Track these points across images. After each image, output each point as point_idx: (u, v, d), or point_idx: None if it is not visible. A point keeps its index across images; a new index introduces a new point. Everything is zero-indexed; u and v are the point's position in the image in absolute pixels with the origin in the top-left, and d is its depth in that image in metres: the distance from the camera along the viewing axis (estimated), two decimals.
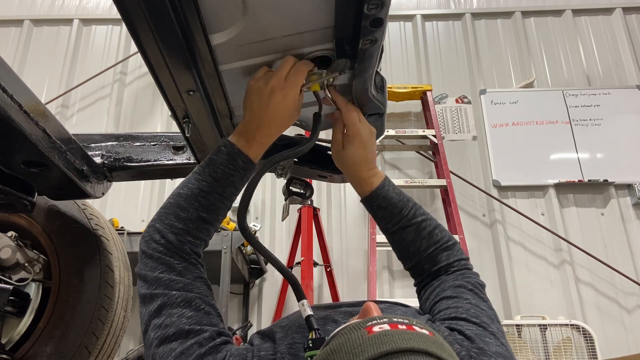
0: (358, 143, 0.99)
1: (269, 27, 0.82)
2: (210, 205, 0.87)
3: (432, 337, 0.59)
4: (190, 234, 0.85)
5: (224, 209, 0.90)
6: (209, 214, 0.87)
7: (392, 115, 4.13)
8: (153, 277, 0.81)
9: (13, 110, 0.89)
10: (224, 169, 0.88)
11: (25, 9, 4.60)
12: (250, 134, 0.90)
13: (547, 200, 3.87)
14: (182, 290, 0.80)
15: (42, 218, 1.55)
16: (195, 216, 0.86)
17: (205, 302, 0.81)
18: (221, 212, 0.90)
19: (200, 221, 0.86)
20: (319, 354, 0.62)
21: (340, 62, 0.90)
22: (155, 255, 0.83)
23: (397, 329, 0.59)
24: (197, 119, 0.99)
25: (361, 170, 1.00)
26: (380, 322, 0.60)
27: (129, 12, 0.70)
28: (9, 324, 1.49)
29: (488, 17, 4.55)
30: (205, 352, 0.75)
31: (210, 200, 0.87)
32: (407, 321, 0.61)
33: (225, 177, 0.88)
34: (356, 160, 1.00)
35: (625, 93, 4.12)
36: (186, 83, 0.87)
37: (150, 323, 0.78)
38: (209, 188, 0.87)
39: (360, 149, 0.99)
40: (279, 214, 3.84)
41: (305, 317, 0.81)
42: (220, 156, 0.89)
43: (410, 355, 0.55)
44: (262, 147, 0.92)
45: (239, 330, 3.29)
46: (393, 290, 3.64)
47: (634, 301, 3.57)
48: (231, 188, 0.89)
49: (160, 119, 4.22)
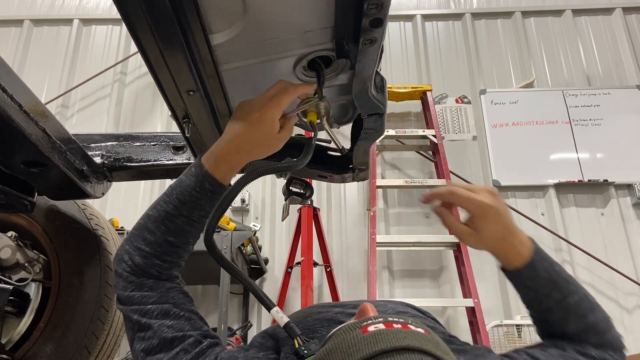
0: (493, 216, 0.84)
1: (269, 27, 0.82)
2: (177, 229, 0.84)
3: (428, 336, 0.59)
4: (158, 258, 0.83)
5: (193, 231, 0.86)
6: (176, 238, 0.84)
7: (392, 115, 4.13)
8: (125, 296, 0.82)
9: (13, 110, 0.89)
10: (191, 192, 0.84)
11: (25, 9, 4.60)
12: (221, 155, 0.85)
13: (547, 200, 3.87)
14: (157, 303, 0.80)
15: (42, 218, 1.55)
16: (162, 240, 0.83)
17: (183, 309, 0.81)
18: (191, 235, 0.87)
19: (167, 245, 0.84)
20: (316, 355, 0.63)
21: (340, 63, 0.90)
22: (124, 275, 0.83)
23: (392, 327, 0.59)
24: (197, 119, 0.99)
25: (506, 240, 0.86)
26: (375, 322, 0.60)
27: (129, 12, 0.70)
28: (9, 324, 1.49)
29: (488, 17, 4.55)
30: (192, 358, 0.75)
31: (178, 224, 0.84)
32: (402, 320, 0.61)
33: (193, 201, 0.84)
34: (500, 235, 0.85)
35: (625, 93, 4.12)
36: (186, 83, 0.87)
37: (135, 336, 0.79)
38: (175, 211, 0.84)
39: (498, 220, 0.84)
40: (279, 214, 3.84)
41: (284, 325, 0.78)
42: (188, 178, 0.85)
43: (405, 354, 0.55)
44: (232, 169, 0.87)
45: (239, 330, 3.29)
46: (393, 290, 3.64)
47: (634, 301, 3.57)
48: (199, 211, 0.85)
49: (160, 119, 4.22)
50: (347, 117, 1.15)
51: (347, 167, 1.34)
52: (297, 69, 0.93)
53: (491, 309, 3.47)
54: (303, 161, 0.88)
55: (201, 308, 3.52)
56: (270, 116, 0.83)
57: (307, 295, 2.91)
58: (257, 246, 3.28)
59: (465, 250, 3.22)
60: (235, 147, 0.85)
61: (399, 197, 3.97)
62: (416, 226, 3.84)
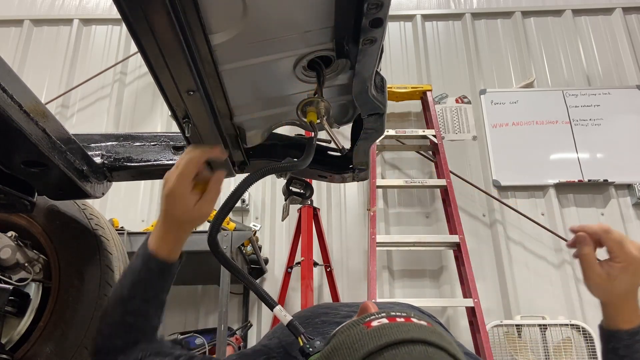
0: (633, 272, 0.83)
1: (269, 27, 0.82)
2: (135, 310, 0.86)
3: (431, 327, 0.60)
4: (121, 338, 0.85)
5: (152, 309, 0.88)
6: (135, 318, 0.86)
7: (392, 115, 4.13)
8: None
9: (13, 110, 0.89)
10: (140, 274, 0.86)
11: (25, 9, 4.60)
12: (159, 234, 0.87)
13: (547, 200, 3.87)
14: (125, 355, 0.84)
15: (42, 218, 1.55)
16: (119, 320, 0.86)
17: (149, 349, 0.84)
18: (150, 314, 0.88)
19: (126, 326, 0.85)
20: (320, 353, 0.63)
21: (340, 63, 0.90)
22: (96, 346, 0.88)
23: (395, 321, 0.59)
24: (197, 119, 0.99)
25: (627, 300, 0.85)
26: (378, 317, 0.60)
27: (129, 12, 0.70)
28: (9, 324, 1.48)
29: (488, 17, 4.55)
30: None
31: (135, 305, 0.86)
32: (404, 314, 0.61)
33: (144, 281, 0.86)
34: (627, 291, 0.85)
35: (625, 93, 4.12)
36: (186, 83, 0.87)
37: None
38: (130, 293, 0.86)
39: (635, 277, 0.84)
40: (279, 214, 3.84)
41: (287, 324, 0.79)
42: (137, 259, 0.87)
43: (410, 345, 0.56)
44: (174, 245, 0.88)
45: (239, 330, 3.29)
46: (393, 290, 3.64)
47: None
48: (152, 291, 0.87)
49: (160, 119, 4.22)
50: (347, 117, 1.15)
51: (347, 167, 1.34)
52: (297, 69, 0.93)
53: (491, 309, 3.47)
54: (304, 162, 0.88)
55: (201, 308, 3.52)
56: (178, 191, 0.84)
57: (307, 295, 2.91)
58: (257, 246, 3.28)
59: (465, 250, 3.22)
60: (167, 226, 0.86)
61: (399, 197, 3.97)
62: (416, 226, 3.84)
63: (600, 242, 0.87)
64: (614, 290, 0.85)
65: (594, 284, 0.87)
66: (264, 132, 1.15)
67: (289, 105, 1.05)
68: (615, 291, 0.85)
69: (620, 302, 0.85)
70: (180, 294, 3.56)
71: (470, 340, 3.15)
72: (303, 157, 0.89)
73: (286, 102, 1.04)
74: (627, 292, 0.85)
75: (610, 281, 0.84)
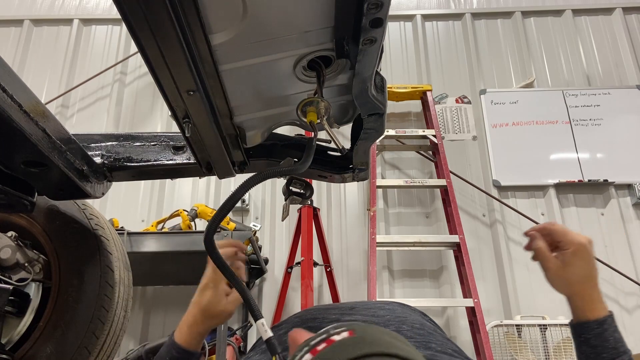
0: (583, 254, 0.91)
1: (269, 27, 0.82)
2: None
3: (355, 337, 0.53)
4: None
5: None
6: None
7: (392, 115, 4.14)
8: None
9: (13, 110, 0.89)
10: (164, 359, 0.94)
11: (25, 9, 4.60)
12: (185, 324, 0.96)
13: (547, 200, 3.87)
14: None
15: (42, 218, 1.55)
16: None
17: None
18: None
19: None
20: None
21: (340, 63, 0.90)
22: None
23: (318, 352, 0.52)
24: (197, 119, 0.99)
25: (585, 287, 0.91)
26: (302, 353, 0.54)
27: (129, 12, 0.70)
28: (9, 324, 1.48)
29: (488, 17, 4.55)
30: None
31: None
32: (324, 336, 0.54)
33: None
34: (583, 277, 0.91)
35: (625, 93, 4.12)
36: (186, 83, 0.87)
37: None
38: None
39: (587, 261, 0.91)
40: (279, 214, 3.84)
41: (266, 340, 0.78)
42: (164, 347, 0.97)
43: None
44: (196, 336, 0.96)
45: (239, 330, 3.29)
46: (393, 290, 3.64)
47: (634, 301, 3.57)
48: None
49: (160, 119, 4.22)
50: (347, 117, 1.15)
51: (347, 167, 1.34)
52: (297, 69, 0.93)
53: (491, 309, 3.47)
54: (303, 166, 0.88)
55: None
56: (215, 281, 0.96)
57: (307, 295, 2.91)
58: (257, 246, 3.28)
59: (465, 250, 3.22)
60: (193, 317, 0.96)
61: (399, 197, 3.97)
62: (416, 226, 3.84)
63: (549, 238, 0.96)
64: (572, 278, 0.91)
65: (553, 275, 0.93)
66: (264, 132, 1.15)
67: (289, 105, 1.05)
68: (574, 278, 0.91)
69: (582, 290, 0.91)
70: (180, 294, 3.57)
71: (470, 340, 3.15)
72: (302, 160, 0.89)
73: (286, 102, 1.04)
74: (585, 277, 0.91)
75: (566, 269, 0.91)
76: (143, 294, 3.63)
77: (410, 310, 0.98)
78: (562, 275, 0.92)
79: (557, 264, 0.93)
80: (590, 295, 0.90)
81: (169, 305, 3.59)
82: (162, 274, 3.30)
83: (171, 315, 3.54)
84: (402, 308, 0.98)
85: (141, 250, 2.70)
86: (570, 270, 0.91)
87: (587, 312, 0.89)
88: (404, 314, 0.92)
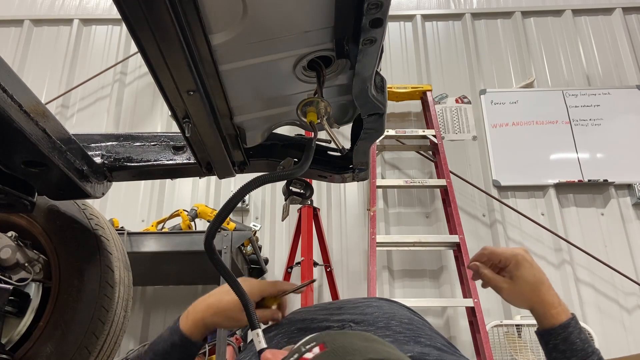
0: (524, 264, 0.96)
1: (269, 27, 0.82)
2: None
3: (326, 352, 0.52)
4: None
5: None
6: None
7: (392, 115, 4.14)
8: None
9: (13, 110, 0.89)
10: (164, 345, 0.92)
11: (25, 9, 4.60)
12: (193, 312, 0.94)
13: (547, 200, 3.87)
14: None
15: (42, 218, 1.55)
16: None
17: None
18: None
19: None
20: None
21: (340, 63, 0.90)
22: None
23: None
24: (197, 119, 0.99)
25: (541, 293, 0.94)
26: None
27: (129, 12, 0.70)
28: (9, 324, 1.48)
29: (488, 17, 4.55)
30: None
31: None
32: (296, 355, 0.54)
33: (165, 353, 0.92)
34: (534, 284, 0.95)
35: (625, 93, 4.13)
36: (186, 83, 0.87)
37: None
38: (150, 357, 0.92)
39: (531, 269, 0.96)
40: (279, 214, 3.85)
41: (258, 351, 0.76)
42: (167, 329, 0.94)
43: None
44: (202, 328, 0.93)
45: (239, 330, 3.29)
46: (393, 290, 3.64)
47: (634, 301, 3.57)
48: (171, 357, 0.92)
49: (160, 119, 4.22)
50: (347, 117, 1.15)
51: (347, 167, 1.34)
52: (297, 69, 0.93)
53: (491, 309, 3.47)
54: (303, 167, 0.87)
55: None
56: None
57: (307, 295, 2.91)
58: (257, 246, 3.28)
59: (465, 250, 3.22)
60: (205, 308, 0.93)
61: (399, 197, 3.97)
62: (416, 226, 3.84)
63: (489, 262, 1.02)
64: (525, 288, 0.95)
65: (508, 292, 0.98)
66: (264, 132, 1.15)
67: (289, 105, 1.05)
68: (527, 287, 0.95)
69: (539, 297, 0.94)
70: (180, 294, 3.57)
71: (470, 340, 3.15)
72: (301, 162, 0.88)
73: (286, 102, 1.04)
74: (535, 284, 0.94)
75: (516, 283, 0.96)
76: (143, 294, 3.63)
77: (398, 305, 0.97)
78: (516, 290, 0.96)
79: (507, 282, 0.97)
80: (549, 301, 0.93)
81: (169, 305, 3.59)
82: (162, 274, 3.30)
83: (171, 315, 3.54)
84: (390, 304, 0.97)
85: (141, 250, 2.70)
86: (520, 282, 0.95)
87: (550, 319, 0.92)
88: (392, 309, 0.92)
